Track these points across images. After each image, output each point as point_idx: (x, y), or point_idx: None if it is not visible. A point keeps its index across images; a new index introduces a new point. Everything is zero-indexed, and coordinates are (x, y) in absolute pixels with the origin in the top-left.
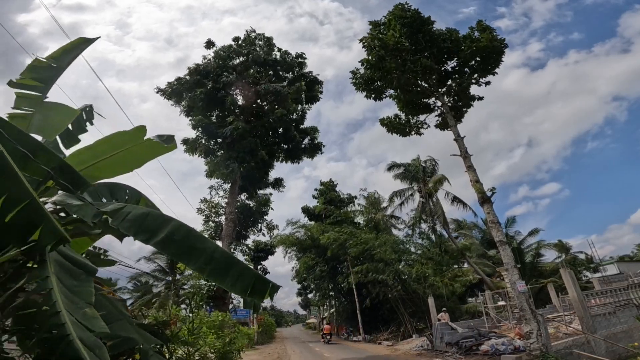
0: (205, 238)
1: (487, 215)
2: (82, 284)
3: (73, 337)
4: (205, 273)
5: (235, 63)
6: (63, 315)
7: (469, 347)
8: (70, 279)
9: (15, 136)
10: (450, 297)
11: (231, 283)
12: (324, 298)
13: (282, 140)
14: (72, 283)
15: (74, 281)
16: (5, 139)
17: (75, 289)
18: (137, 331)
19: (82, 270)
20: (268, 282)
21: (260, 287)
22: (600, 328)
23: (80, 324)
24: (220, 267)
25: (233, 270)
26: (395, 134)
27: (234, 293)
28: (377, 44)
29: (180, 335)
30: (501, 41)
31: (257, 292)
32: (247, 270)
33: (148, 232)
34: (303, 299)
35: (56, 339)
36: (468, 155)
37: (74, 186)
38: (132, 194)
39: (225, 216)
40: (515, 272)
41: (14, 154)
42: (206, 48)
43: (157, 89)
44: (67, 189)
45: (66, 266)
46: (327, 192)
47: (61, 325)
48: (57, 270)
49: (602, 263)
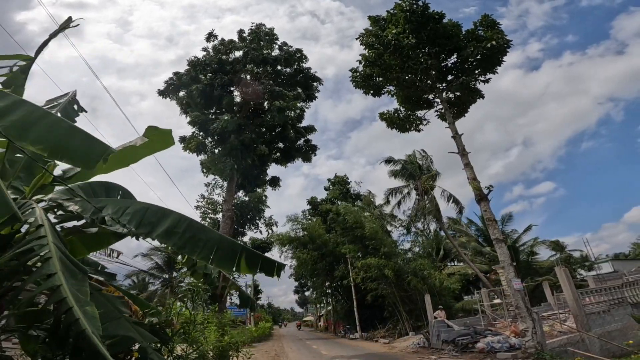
0: (207, 228)
1: (483, 212)
2: (79, 283)
3: (89, 331)
4: (211, 262)
5: (234, 58)
6: (76, 310)
7: (465, 345)
8: (71, 277)
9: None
10: (447, 294)
11: (239, 266)
12: (322, 296)
13: (279, 138)
14: (72, 281)
15: (73, 280)
16: None
17: (76, 288)
18: (135, 329)
19: (79, 270)
20: (274, 262)
21: (268, 266)
22: (595, 326)
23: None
24: (227, 254)
25: (239, 255)
26: (394, 129)
27: (242, 273)
28: (374, 41)
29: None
30: (506, 40)
31: (265, 270)
32: (254, 254)
33: (149, 225)
34: (300, 297)
35: (73, 334)
36: (466, 153)
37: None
38: (125, 194)
39: (223, 214)
40: (511, 270)
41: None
42: (207, 41)
43: (158, 92)
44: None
45: (67, 265)
46: (339, 185)
47: (75, 320)
48: (62, 267)
49: (597, 261)
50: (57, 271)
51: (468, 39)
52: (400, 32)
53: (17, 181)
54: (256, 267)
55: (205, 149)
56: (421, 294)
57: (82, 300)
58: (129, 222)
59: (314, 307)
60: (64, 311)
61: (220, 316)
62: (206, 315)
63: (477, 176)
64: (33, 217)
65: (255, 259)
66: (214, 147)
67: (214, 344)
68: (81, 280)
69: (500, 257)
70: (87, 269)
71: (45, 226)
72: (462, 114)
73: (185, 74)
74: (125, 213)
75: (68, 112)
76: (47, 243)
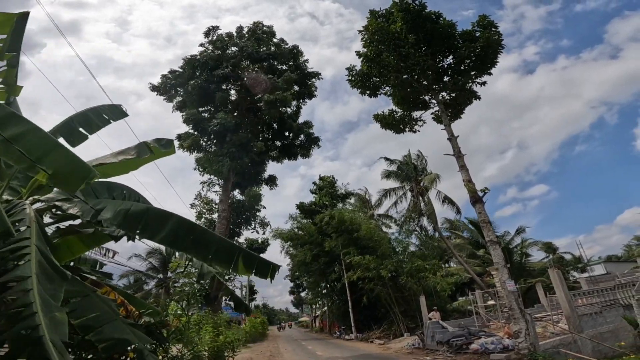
0: (207, 230)
1: (478, 215)
2: (55, 288)
3: (46, 339)
4: (210, 262)
5: (231, 53)
6: (39, 316)
7: (460, 346)
8: (46, 281)
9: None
10: (441, 295)
11: (236, 267)
12: (317, 296)
13: (277, 136)
14: (48, 286)
15: (49, 284)
16: None
17: (50, 292)
18: (131, 331)
19: (57, 274)
20: (269, 264)
21: (263, 268)
22: (587, 327)
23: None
24: (225, 255)
25: (237, 256)
26: (388, 129)
27: (239, 274)
28: (376, 37)
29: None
30: (498, 40)
31: (260, 272)
32: (250, 255)
33: (152, 229)
34: (296, 298)
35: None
36: (461, 155)
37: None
38: (131, 194)
39: (219, 214)
40: (505, 272)
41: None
42: (205, 36)
43: (151, 86)
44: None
45: (45, 268)
46: (325, 187)
47: (36, 327)
48: (38, 271)
49: (589, 263)
50: (31, 274)
51: (463, 39)
52: (400, 31)
53: (15, 181)
54: (252, 268)
55: (200, 147)
56: (416, 295)
57: (52, 305)
58: (130, 226)
59: (309, 307)
60: (26, 316)
61: (215, 317)
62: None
63: (472, 179)
64: (23, 218)
65: (252, 260)
66: (210, 146)
67: (209, 344)
68: (58, 284)
69: (495, 259)
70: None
71: (32, 227)
72: (458, 115)
73: (181, 71)
74: (126, 216)
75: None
76: (29, 245)
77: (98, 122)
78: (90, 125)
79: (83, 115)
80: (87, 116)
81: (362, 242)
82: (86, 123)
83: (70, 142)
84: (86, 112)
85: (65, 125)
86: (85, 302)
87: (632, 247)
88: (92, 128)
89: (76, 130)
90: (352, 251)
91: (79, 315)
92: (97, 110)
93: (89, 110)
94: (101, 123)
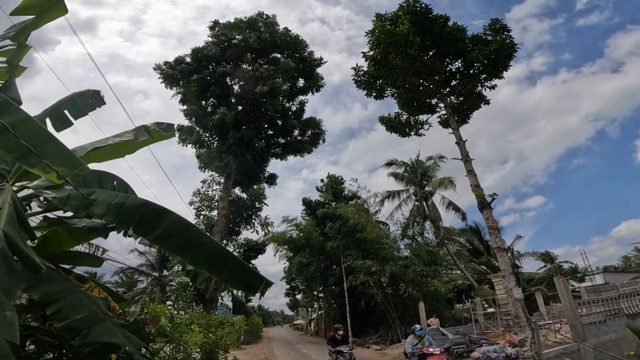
0: (203, 233)
1: (486, 221)
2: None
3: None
4: (201, 267)
5: (234, 42)
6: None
7: (460, 354)
8: (4, 274)
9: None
10: (441, 302)
11: (227, 278)
12: (314, 300)
13: (280, 133)
14: (5, 280)
15: (7, 278)
16: None
17: (5, 287)
18: (121, 332)
19: (25, 267)
20: (262, 279)
21: (255, 283)
22: (591, 336)
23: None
24: (217, 262)
25: (229, 266)
26: (394, 132)
27: (229, 287)
28: (383, 39)
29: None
30: (512, 43)
31: (251, 288)
32: (243, 266)
33: (145, 225)
34: (291, 300)
35: None
36: (469, 160)
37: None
38: (120, 185)
39: (218, 211)
40: (512, 279)
41: None
42: (210, 29)
43: (155, 66)
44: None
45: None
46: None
47: None
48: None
49: (588, 273)
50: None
51: (474, 43)
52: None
53: (3, 164)
54: (241, 282)
55: (203, 143)
56: (415, 301)
57: (4, 302)
58: (124, 221)
59: (304, 310)
60: None
61: (208, 316)
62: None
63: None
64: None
65: (242, 271)
66: (211, 142)
67: (200, 344)
68: (18, 280)
69: (502, 266)
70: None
71: (4, 210)
72: (465, 120)
73: (188, 61)
74: (120, 210)
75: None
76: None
77: (82, 109)
78: (75, 111)
79: (70, 99)
80: (73, 100)
81: (365, 244)
82: (73, 107)
83: (56, 127)
84: (73, 96)
85: (54, 108)
86: (71, 301)
87: (630, 258)
88: (77, 114)
89: (63, 115)
90: (354, 254)
91: (64, 316)
92: (83, 94)
93: (76, 94)
94: (85, 109)
